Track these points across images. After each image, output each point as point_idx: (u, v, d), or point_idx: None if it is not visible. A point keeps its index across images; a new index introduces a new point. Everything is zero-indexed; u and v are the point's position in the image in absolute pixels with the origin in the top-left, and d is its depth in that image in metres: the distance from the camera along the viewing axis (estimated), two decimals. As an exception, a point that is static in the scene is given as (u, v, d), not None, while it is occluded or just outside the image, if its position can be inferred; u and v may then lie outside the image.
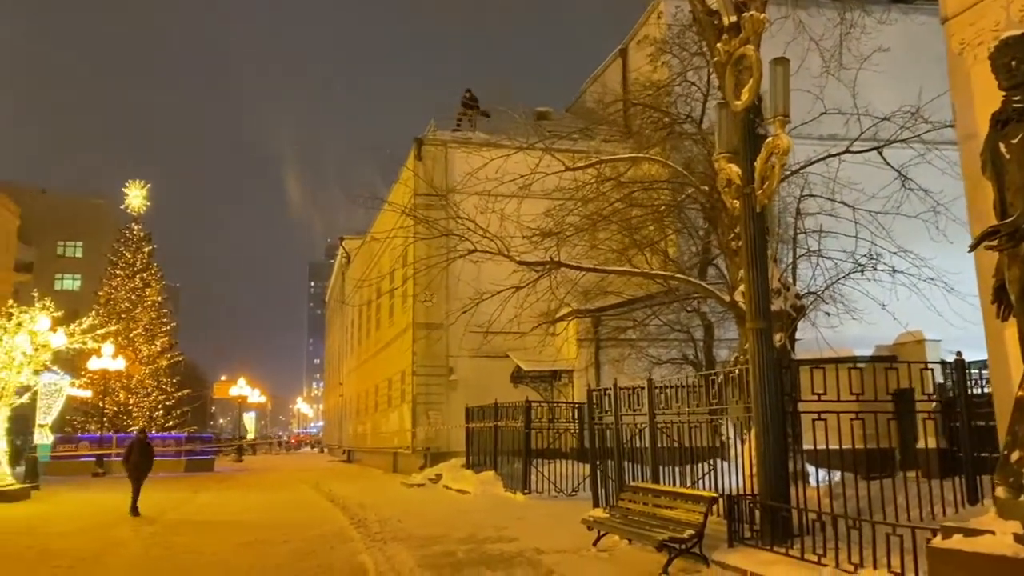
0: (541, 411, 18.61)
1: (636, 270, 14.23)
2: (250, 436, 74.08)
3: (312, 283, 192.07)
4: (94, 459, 31.86)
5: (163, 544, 12.37)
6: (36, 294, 22.45)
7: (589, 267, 14.28)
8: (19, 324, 20.77)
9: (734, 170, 9.25)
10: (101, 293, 41.86)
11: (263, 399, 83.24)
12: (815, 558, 7.74)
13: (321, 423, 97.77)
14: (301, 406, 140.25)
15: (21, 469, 24.31)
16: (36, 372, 22.09)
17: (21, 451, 27.99)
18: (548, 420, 18.51)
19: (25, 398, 22.39)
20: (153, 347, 41.35)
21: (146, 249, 43.04)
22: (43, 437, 32.64)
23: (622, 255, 15.00)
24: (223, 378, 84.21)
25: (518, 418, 18.34)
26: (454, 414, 24.67)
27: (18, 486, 20.62)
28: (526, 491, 17.28)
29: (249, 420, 78.84)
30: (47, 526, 14.97)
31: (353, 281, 45.04)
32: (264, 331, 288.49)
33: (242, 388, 64.45)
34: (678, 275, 14.21)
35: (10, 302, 22.83)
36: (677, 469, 11.15)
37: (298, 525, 14.51)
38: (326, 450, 64.56)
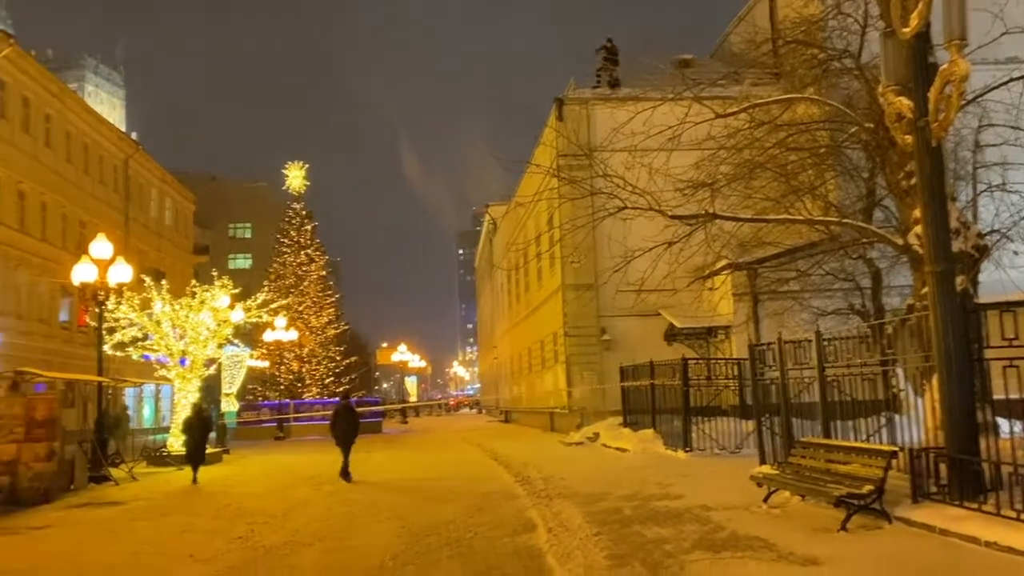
0: (698, 368, 18.30)
1: (797, 218, 13.51)
2: (412, 399, 77.32)
3: (460, 251, 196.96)
4: (275, 424, 34.37)
5: (343, 502, 13.20)
6: (215, 273, 24.31)
7: (746, 217, 13.72)
8: (202, 302, 22.60)
9: (905, 103, 8.61)
10: (271, 270, 44.59)
11: (422, 363, 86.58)
12: (1013, 514, 7.21)
13: (477, 385, 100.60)
14: (457, 369, 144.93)
15: (213, 435, 26.52)
16: (220, 345, 24.03)
17: (212, 418, 30.51)
18: (705, 377, 18.18)
19: (212, 369, 24.40)
20: (320, 318, 43.84)
21: (308, 226, 45.40)
22: (229, 405, 35.50)
23: (779, 203, 14.28)
24: (384, 345, 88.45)
25: (675, 376, 18.12)
26: (608, 373, 24.71)
27: (212, 450, 22.55)
28: (687, 449, 17.09)
29: (411, 384, 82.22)
30: (239, 487, 16.31)
31: (501, 246, 45.70)
32: (418, 298, 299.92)
33: (403, 354, 67.44)
34: (843, 220, 13.41)
35: (192, 282, 24.86)
36: (849, 423, 10.67)
37: (466, 482, 15.07)
38: (484, 411, 66.48)
